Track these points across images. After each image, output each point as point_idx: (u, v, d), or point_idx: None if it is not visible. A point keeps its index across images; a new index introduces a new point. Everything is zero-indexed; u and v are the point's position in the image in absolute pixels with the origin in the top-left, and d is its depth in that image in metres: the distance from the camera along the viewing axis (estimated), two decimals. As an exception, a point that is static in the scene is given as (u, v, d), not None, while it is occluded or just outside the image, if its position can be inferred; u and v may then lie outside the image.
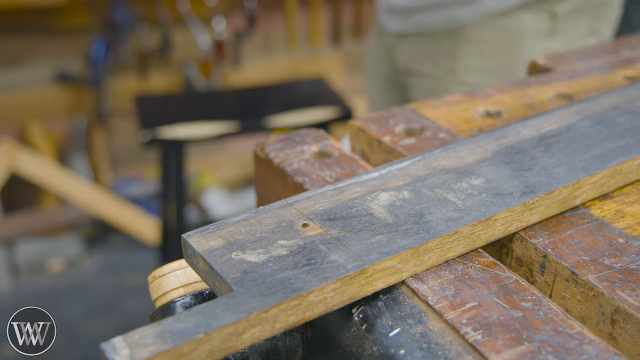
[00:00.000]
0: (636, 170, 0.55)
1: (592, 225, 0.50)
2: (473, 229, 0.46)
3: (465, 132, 0.64)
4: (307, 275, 0.41)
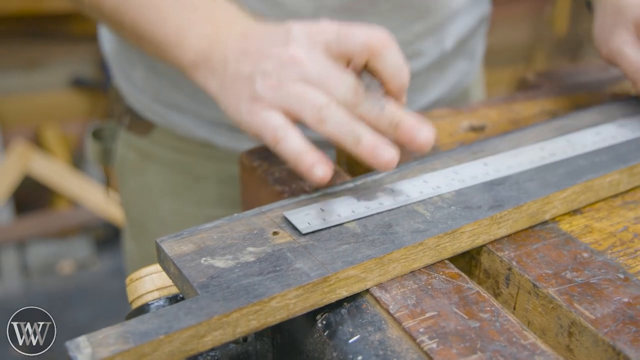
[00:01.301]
0: (608, 187, 0.56)
1: (559, 239, 0.51)
2: (439, 240, 0.48)
3: (447, 145, 0.65)
4: (271, 281, 0.42)
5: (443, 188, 0.52)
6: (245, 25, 0.58)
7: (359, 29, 0.51)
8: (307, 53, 0.52)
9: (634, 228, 0.52)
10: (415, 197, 0.51)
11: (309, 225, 0.47)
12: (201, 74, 0.59)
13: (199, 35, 0.59)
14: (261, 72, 0.52)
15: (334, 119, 0.49)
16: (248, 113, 0.52)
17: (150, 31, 0.62)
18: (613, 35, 0.65)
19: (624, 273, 0.47)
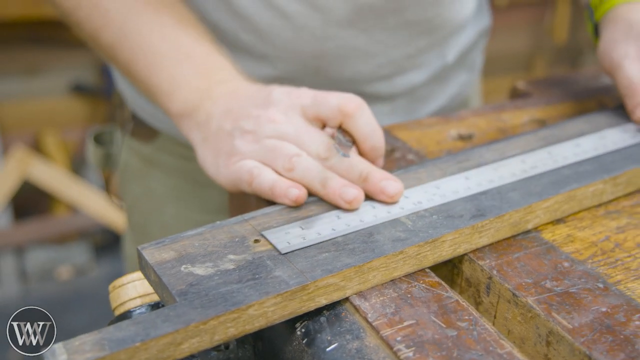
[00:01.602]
0: (591, 196, 0.56)
1: (540, 248, 0.51)
2: (419, 249, 0.48)
3: (434, 153, 0.66)
4: (250, 289, 0.43)
5: (424, 204, 0.52)
6: (235, 84, 0.60)
7: (333, 95, 0.55)
8: (284, 115, 0.56)
9: (615, 238, 0.53)
10: (396, 213, 0.51)
11: (289, 244, 0.47)
12: (186, 124, 0.61)
13: (191, 88, 0.61)
14: (240, 130, 0.56)
15: (303, 165, 0.53)
16: (224, 166, 0.56)
17: (144, 75, 0.63)
18: (618, 48, 0.66)
19: (603, 282, 0.47)
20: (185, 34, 0.64)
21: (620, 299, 0.45)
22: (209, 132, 0.59)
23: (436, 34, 0.81)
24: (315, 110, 0.55)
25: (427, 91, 0.87)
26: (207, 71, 0.62)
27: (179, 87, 0.62)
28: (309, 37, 0.75)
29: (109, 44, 0.65)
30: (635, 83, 0.63)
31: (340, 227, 0.49)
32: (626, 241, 0.52)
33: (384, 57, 0.79)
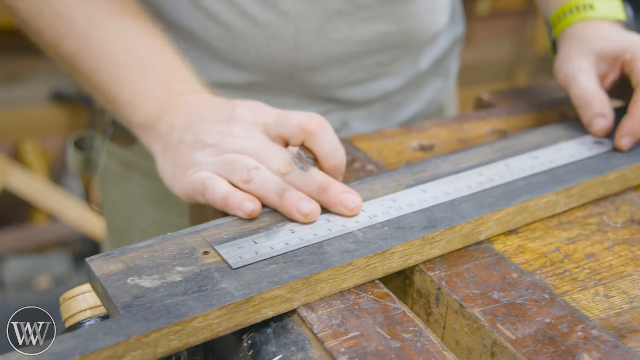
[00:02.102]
0: (544, 208, 0.56)
1: (491, 259, 0.52)
2: (369, 261, 0.48)
3: (394, 164, 0.66)
4: (195, 301, 0.43)
5: (380, 217, 0.52)
6: (198, 97, 0.61)
7: (296, 114, 0.55)
8: (246, 132, 0.56)
9: (565, 249, 0.53)
10: (351, 227, 0.51)
11: (241, 259, 0.47)
12: (148, 135, 0.61)
13: (153, 99, 0.61)
14: (202, 143, 0.56)
15: (261, 177, 0.53)
16: (181, 178, 0.56)
17: (105, 86, 0.63)
18: (572, 62, 0.67)
19: (550, 294, 0.48)
20: (149, 46, 0.65)
21: (565, 310, 0.46)
22: (170, 143, 0.59)
23: (410, 44, 0.82)
24: (278, 128, 0.55)
25: (402, 98, 0.88)
26: (170, 83, 0.63)
27: (141, 99, 0.62)
28: (281, 46, 0.75)
29: (70, 53, 0.65)
30: (589, 95, 0.64)
31: (294, 242, 0.49)
32: (576, 252, 0.53)
33: (357, 63, 0.80)
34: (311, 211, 0.51)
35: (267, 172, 0.54)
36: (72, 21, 0.64)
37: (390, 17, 0.78)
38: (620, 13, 0.71)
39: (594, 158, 0.62)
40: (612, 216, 0.58)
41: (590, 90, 0.64)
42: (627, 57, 0.64)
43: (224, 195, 0.53)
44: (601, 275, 0.50)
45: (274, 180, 0.53)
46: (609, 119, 0.63)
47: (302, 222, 0.51)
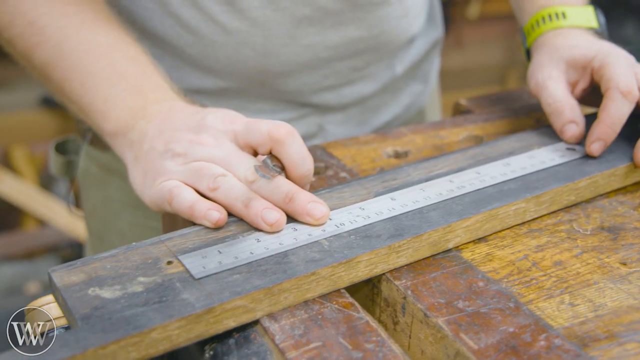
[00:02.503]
0: (514, 215, 0.56)
1: (458, 268, 0.51)
2: (333, 270, 0.48)
3: (367, 171, 0.66)
4: (155, 312, 0.42)
5: (347, 225, 0.52)
6: (170, 104, 0.61)
7: (265, 122, 0.54)
8: (215, 140, 0.56)
9: (533, 256, 0.53)
10: (317, 236, 0.51)
11: (204, 269, 0.47)
12: (119, 143, 0.61)
13: (125, 107, 0.61)
14: (171, 152, 0.56)
15: (227, 186, 0.53)
16: (150, 186, 0.56)
17: (78, 94, 0.63)
18: (543, 70, 0.67)
19: (515, 302, 0.47)
20: (121, 54, 0.64)
21: (529, 318, 0.46)
22: (140, 151, 0.59)
23: (382, 49, 0.82)
24: (246, 136, 0.55)
25: (378, 101, 0.88)
26: (142, 90, 0.62)
27: (113, 107, 0.62)
28: (250, 52, 0.75)
29: (43, 62, 0.65)
30: (559, 102, 0.64)
31: (259, 251, 0.49)
32: (543, 260, 0.53)
33: (329, 68, 0.80)
34: (276, 220, 0.51)
35: (234, 180, 0.53)
36: (44, 30, 0.64)
37: (360, 22, 0.78)
38: (592, 21, 0.71)
39: (566, 165, 0.62)
40: (582, 223, 0.58)
41: (560, 97, 0.64)
42: (595, 64, 0.64)
43: (189, 204, 0.52)
44: (567, 283, 0.50)
45: (240, 188, 0.53)
46: (580, 125, 0.63)
47: (267, 232, 0.51)
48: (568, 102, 0.64)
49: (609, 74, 0.62)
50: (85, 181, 0.92)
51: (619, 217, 0.58)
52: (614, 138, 0.62)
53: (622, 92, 0.60)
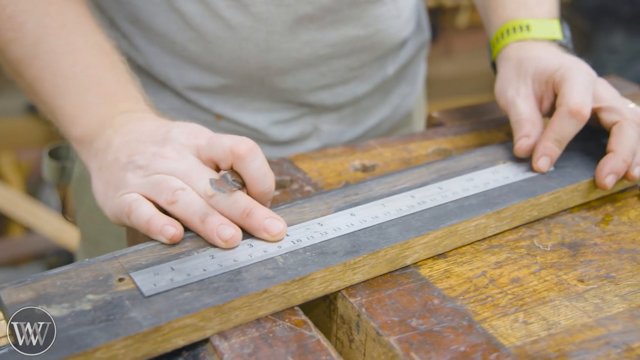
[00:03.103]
0: (474, 231, 0.56)
1: (415, 284, 0.51)
2: (286, 288, 0.48)
3: (333, 185, 0.66)
4: (100, 331, 0.42)
5: (304, 242, 0.52)
6: (139, 115, 0.61)
7: (228, 137, 0.54)
8: (177, 153, 0.55)
9: (491, 273, 0.53)
10: (272, 252, 0.50)
11: (154, 286, 0.46)
12: (85, 151, 0.61)
13: (94, 114, 0.61)
14: (133, 164, 0.56)
15: (185, 200, 0.53)
16: (111, 198, 0.56)
17: (49, 96, 0.63)
18: (511, 87, 0.68)
19: (469, 320, 0.47)
20: (98, 60, 0.64)
21: (482, 337, 0.45)
22: (104, 161, 0.59)
23: (377, 48, 0.84)
24: (209, 151, 0.55)
25: (370, 102, 0.90)
26: (113, 99, 0.62)
27: (83, 112, 0.61)
28: (253, 48, 0.77)
29: (17, 58, 0.64)
30: (522, 118, 0.64)
31: (212, 268, 0.49)
32: (501, 277, 0.52)
33: (326, 66, 0.82)
34: (231, 237, 0.50)
35: (192, 194, 0.53)
36: (23, 27, 0.64)
37: (356, 20, 0.79)
38: (556, 33, 0.71)
39: (529, 180, 0.62)
40: (543, 239, 0.57)
41: (524, 113, 0.65)
42: (556, 78, 0.64)
43: (146, 218, 0.52)
44: (523, 300, 0.50)
45: (198, 203, 0.53)
46: (532, 139, 0.63)
47: (222, 248, 0.51)
48: (530, 117, 0.64)
49: (563, 90, 0.62)
50: (81, 186, 0.93)
51: (580, 233, 0.58)
52: (559, 154, 0.62)
53: (571, 111, 0.60)
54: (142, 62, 0.81)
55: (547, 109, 0.67)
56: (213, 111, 0.82)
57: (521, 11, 0.74)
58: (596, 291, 0.51)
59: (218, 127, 0.83)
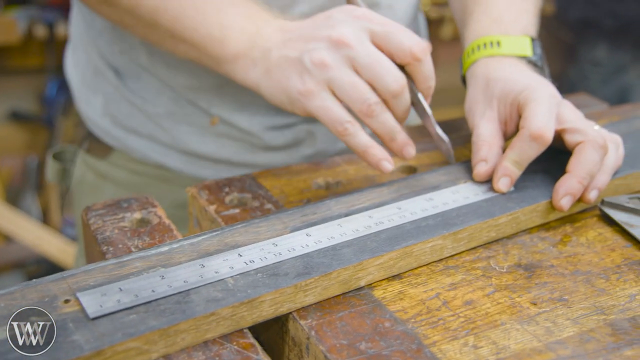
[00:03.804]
0: (430, 252, 0.56)
1: (367, 307, 0.51)
2: (234, 310, 0.47)
3: (294, 203, 0.65)
4: (41, 356, 0.42)
5: (257, 262, 0.51)
6: (281, 22, 0.65)
7: (405, 35, 0.59)
8: (354, 35, 0.59)
9: (445, 295, 0.53)
10: (224, 273, 0.50)
11: (100, 308, 0.46)
12: (241, 66, 0.65)
13: (241, 31, 0.64)
14: (308, 51, 0.59)
15: (380, 118, 0.59)
16: (300, 94, 0.60)
17: (191, 29, 0.66)
18: (478, 108, 0.68)
19: (417, 344, 0.47)
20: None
21: (429, 362, 0.45)
22: (270, 63, 0.62)
23: None
24: (387, 42, 0.59)
25: None
26: (252, 14, 0.66)
27: (231, 31, 0.64)
28: None
29: (151, 9, 0.67)
30: (481, 140, 0.64)
31: (161, 289, 0.48)
32: (455, 299, 0.52)
33: None
34: (411, 156, 0.63)
35: (384, 113, 0.59)
36: None
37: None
38: (527, 50, 0.71)
39: (489, 200, 0.61)
40: (499, 260, 0.57)
41: (484, 136, 0.65)
42: (521, 100, 0.64)
43: (363, 148, 0.60)
44: (475, 324, 0.50)
45: (390, 122, 0.60)
46: (489, 163, 0.63)
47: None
48: (488, 140, 0.64)
49: (526, 113, 0.62)
50: (80, 189, 0.95)
51: (537, 254, 0.58)
52: (519, 175, 0.62)
53: (532, 135, 0.60)
54: (143, 62, 0.81)
55: (512, 130, 0.67)
56: (210, 112, 0.82)
57: (494, 27, 0.74)
58: (548, 314, 0.51)
59: (213, 131, 0.83)
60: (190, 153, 0.86)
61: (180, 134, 0.85)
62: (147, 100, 0.84)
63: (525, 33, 0.73)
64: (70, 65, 0.94)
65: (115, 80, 0.85)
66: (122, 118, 0.87)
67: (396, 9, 0.84)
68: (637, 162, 0.69)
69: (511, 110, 0.65)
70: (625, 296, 0.53)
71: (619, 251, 0.59)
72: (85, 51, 0.88)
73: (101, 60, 0.85)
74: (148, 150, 0.87)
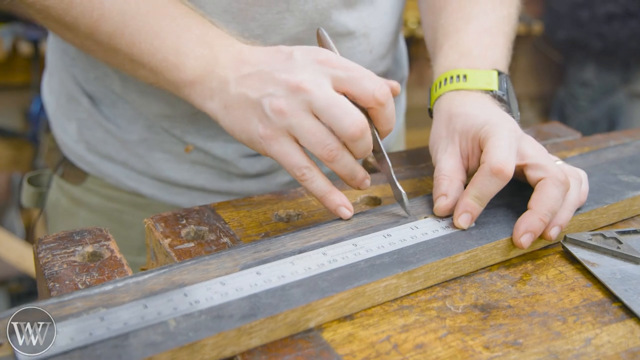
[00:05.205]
0: (384, 292, 0.55)
1: (314, 350, 0.49)
2: (174, 355, 0.46)
3: (252, 237, 0.64)
4: (-36, 404, 0.40)
5: (202, 303, 0.50)
6: (239, 48, 0.64)
7: (368, 80, 0.59)
8: (313, 81, 0.58)
9: (396, 338, 0.51)
10: (167, 315, 0.48)
11: (34, 353, 0.44)
12: (197, 92, 0.64)
13: (196, 57, 0.64)
14: (268, 96, 0.59)
15: (342, 162, 0.60)
16: (260, 137, 0.60)
17: (148, 55, 0.65)
18: (441, 143, 0.68)
19: (362, 392, 0.45)
20: (177, 10, 0.66)
21: (372, 411, 0.44)
22: (229, 98, 0.61)
23: None
24: (350, 86, 0.59)
25: None
26: (208, 40, 0.64)
27: (186, 57, 0.64)
28: None
29: (108, 33, 0.65)
30: (442, 174, 0.63)
31: (99, 332, 0.46)
32: (406, 342, 0.51)
33: None
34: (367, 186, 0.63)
35: (345, 156, 0.59)
36: (104, 3, 0.65)
37: None
38: (492, 84, 0.70)
39: (448, 237, 0.60)
40: (456, 300, 0.56)
41: (445, 170, 0.64)
42: (481, 135, 0.63)
43: (322, 194, 0.61)
44: (423, 369, 0.48)
45: (351, 165, 0.60)
46: (450, 198, 0.62)
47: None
48: (449, 175, 0.63)
49: (487, 148, 0.61)
50: (54, 213, 0.94)
51: (495, 294, 0.57)
52: (480, 210, 0.61)
53: (492, 170, 0.59)
54: (117, 89, 0.81)
55: (475, 165, 0.66)
56: (184, 140, 0.81)
57: (461, 61, 0.73)
58: (500, 359, 0.49)
59: (187, 159, 0.83)
60: (165, 180, 0.85)
61: (155, 161, 0.84)
62: (122, 127, 0.83)
63: (494, 67, 0.73)
64: (46, 92, 0.94)
65: (90, 107, 0.84)
66: (97, 144, 0.86)
67: (371, 37, 0.84)
68: (602, 197, 0.68)
69: (473, 145, 0.65)
70: (580, 340, 0.52)
71: (578, 291, 0.58)
72: (60, 77, 0.87)
73: (76, 86, 0.85)
74: (122, 176, 0.86)
